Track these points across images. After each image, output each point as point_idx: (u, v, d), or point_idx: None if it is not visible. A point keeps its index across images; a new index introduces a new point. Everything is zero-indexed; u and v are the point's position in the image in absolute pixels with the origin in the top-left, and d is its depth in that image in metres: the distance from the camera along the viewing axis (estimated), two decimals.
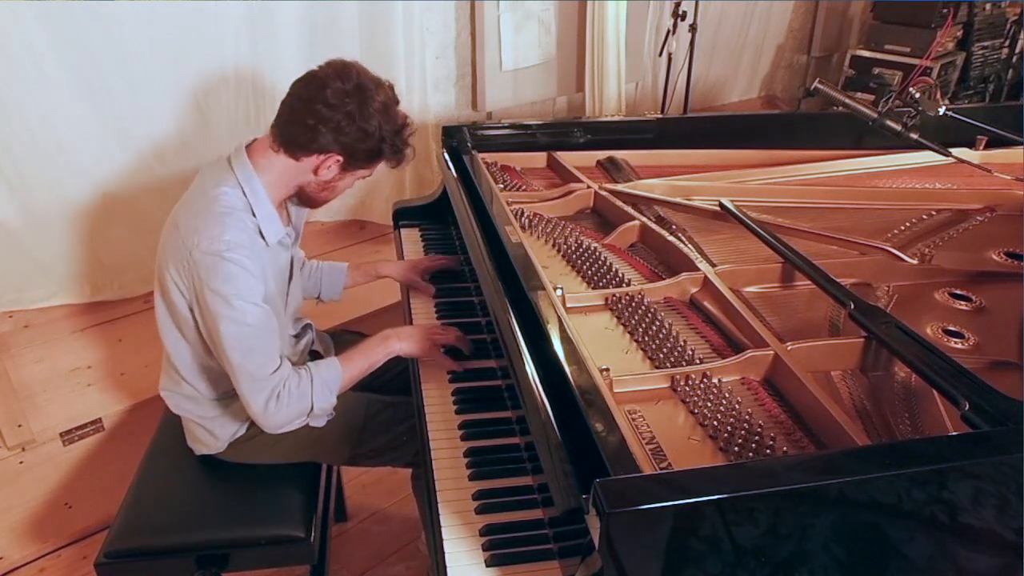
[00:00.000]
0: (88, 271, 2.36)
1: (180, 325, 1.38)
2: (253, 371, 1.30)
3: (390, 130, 1.35)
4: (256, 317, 1.30)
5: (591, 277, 1.43)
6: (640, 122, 2.11)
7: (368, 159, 1.37)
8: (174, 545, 1.40)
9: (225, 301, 1.27)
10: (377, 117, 1.31)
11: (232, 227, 1.28)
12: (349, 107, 1.29)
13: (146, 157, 2.30)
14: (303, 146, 1.32)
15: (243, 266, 1.27)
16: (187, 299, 1.33)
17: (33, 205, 2.17)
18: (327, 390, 1.39)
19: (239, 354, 1.29)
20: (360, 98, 1.30)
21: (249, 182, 1.33)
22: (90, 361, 2.18)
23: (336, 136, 1.30)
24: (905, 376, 1.14)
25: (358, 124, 1.30)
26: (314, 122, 1.29)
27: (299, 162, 1.35)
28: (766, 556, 0.79)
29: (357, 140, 1.32)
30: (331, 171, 1.37)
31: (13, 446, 1.89)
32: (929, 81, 1.61)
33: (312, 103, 1.29)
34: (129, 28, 2.13)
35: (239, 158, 1.35)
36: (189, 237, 1.27)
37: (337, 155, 1.34)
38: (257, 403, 1.31)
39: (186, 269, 1.28)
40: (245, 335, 1.29)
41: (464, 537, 1.10)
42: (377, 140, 1.34)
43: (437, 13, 2.85)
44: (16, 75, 1.99)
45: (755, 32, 4.27)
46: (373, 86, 1.32)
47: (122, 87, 2.18)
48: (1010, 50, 4.41)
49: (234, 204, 1.31)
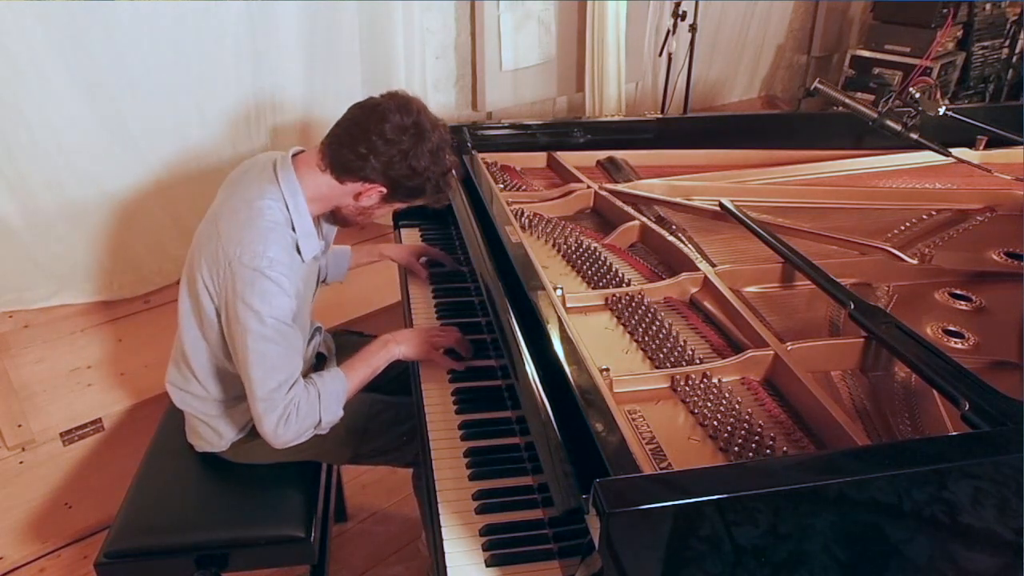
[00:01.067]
0: (88, 271, 2.35)
1: (203, 326, 1.38)
2: (272, 388, 1.30)
3: (437, 172, 1.36)
4: (285, 337, 1.31)
5: (591, 277, 1.43)
6: (640, 122, 2.11)
7: (410, 195, 1.39)
8: (174, 545, 1.40)
9: (258, 317, 1.27)
10: (428, 158, 1.33)
11: (275, 244, 1.28)
12: (404, 144, 1.30)
13: (146, 157, 2.30)
14: (351, 172, 1.33)
15: (280, 285, 1.28)
16: (216, 304, 1.33)
17: (33, 205, 2.17)
18: (334, 403, 1.40)
19: (261, 371, 1.29)
20: (417, 137, 1.31)
21: (294, 197, 1.34)
22: (90, 361, 2.18)
23: (385, 169, 1.32)
24: (905, 376, 1.14)
25: (409, 162, 1.31)
26: (367, 151, 1.30)
27: (343, 185, 1.36)
28: (766, 556, 0.79)
29: (404, 177, 1.33)
30: (371, 200, 1.38)
31: (13, 446, 1.89)
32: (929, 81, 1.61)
33: (369, 133, 1.30)
34: (129, 28, 2.13)
35: (286, 171, 1.35)
36: (231, 247, 1.27)
37: (381, 186, 1.35)
38: (269, 422, 1.31)
39: (221, 277, 1.29)
40: (271, 353, 1.29)
41: (464, 537, 1.10)
42: (423, 180, 1.35)
43: (437, 13, 2.85)
44: (16, 75, 1.99)
45: (755, 32, 4.27)
46: (431, 127, 1.34)
47: (122, 87, 2.17)
48: (1010, 50, 4.41)
49: (277, 219, 1.32)
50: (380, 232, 2.96)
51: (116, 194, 2.28)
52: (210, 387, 1.45)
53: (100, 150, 2.21)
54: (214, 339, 1.39)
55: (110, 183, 2.27)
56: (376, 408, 1.57)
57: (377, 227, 2.98)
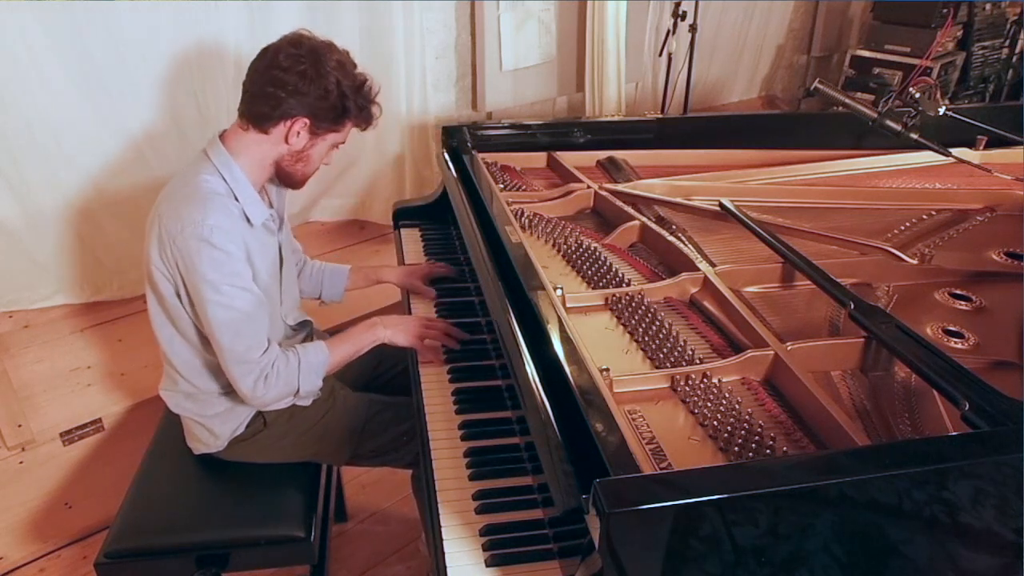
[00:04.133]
0: (88, 271, 2.36)
1: (173, 318, 1.38)
2: (242, 353, 1.33)
3: (350, 86, 1.36)
4: (244, 301, 1.31)
5: (591, 277, 1.43)
6: (640, 122, 2.11)
7: (334, 119, 1.37)
8: (174, 545, 1.40)
9: (213, 287, 1.28)
10: (334, 74, 1.33)
11: (214, 211, 1.28)
12: (303, 66, 1.30)
13: (146, 157, 2.30)
14: (268, 116, 1.33)
15: (227, 250, 1.28)
16: (173, 285, 1.33)
17: (33, 205, 2.17)
18: (313, 373, 1.42)
19: (228, 338, 1.31)
20: (313, 58, 1.32)
21: (227, 167, 1.34)
22: (90, 361, 2.18)
23: (298, 98, 1.32)
24: (905, 376, 1.14)
25: (315, 82, 1.31)
26: (273, 89, 1.31)
27: (269, 135, 1.35)
28: (766, 556, 0.79)
29: (318, 98, 1.33)
30: (301, 138, 1.37)
31: (13, 446, 1.89)
32: (929, 81, 1.61)
33: (268, 72, 1.31)
34: (129, 28, 2.13)
35: (214, 146, 1.36)
36: (172, 224, 1.27)
37: (303, 118, 1.34)
38: (245, 383, 1.34)
39: (169, 256, 1.29)
40: (233, 319, 1.30)
41: (464, 537, 1.10)
42: (338, 96, 1.34)
43: (437, 13, 2.85)
44: (16, 75, 1.99)
45: (755, 32, 4.27)
46: (326, 48, 1.35)
47: (122, 86, 2.18)
48: (1010, 50, 4.41)
49: (215, 189, 1.32)
50: (380, 232, 2.96)
51: (116, 194, 2.28)
52: (197, 382, 1.45)
53: (100, 150, 2.22)
54: (187, 331, 1.39)
55: (110, 183, 2.27)
56: (375, 408, 1.57)
57: (377, 227, 2.99)
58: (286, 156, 1.39)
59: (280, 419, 1.51)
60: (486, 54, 2.96)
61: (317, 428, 1.52)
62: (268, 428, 1.50)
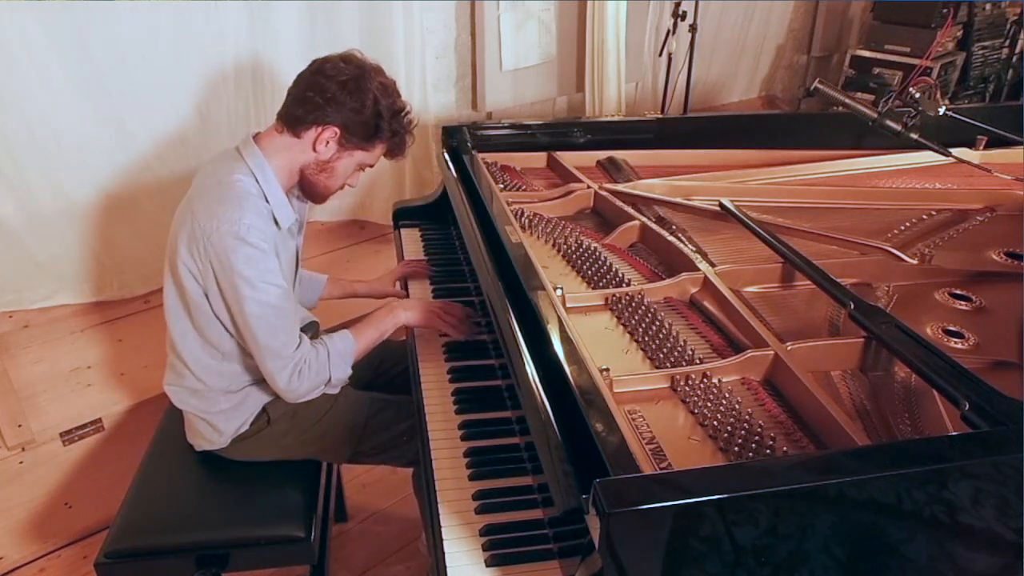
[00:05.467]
0: (88, 271, 2.36)
1: (191, 312, 1.39)
2: (278, 349, 1.35)
3: (387, 107, 1.37)
4: (278, 297, 1.33)
5: (591, 277, 1.43)
6: (640, 122, 2.11)
7: (365, 136, 1.38)
8: (174, 545, 1.40)
9: (249, 283, 1.30)
10: (375, 92, 1.34)
11: (249, 211, 1.30)
12: (345, 78, 1.32)
13: (146, 157, 2.30)
14: (302, 120, 1.35)
15: (261, 248, 1.30)
16: (201, 285, 1.34)
17: (33, 205, 2.17)
18: (343, 362, 1.45)
19: (264, 334, 1.33)
20: (358, 73, 1.34)
21: (261, 168, 1.36)
22: (90, 361, 2.18)
23: (334, 107, 1.33)
24: (905, 376, 1.14)
25: (354, 95, 1.33)
26: (312, 94, 1.33)
27: (300, 139, 1.37)
28: (766, 556, 0.79)
29: (353, 111, 1.34)
30: (329, 147, 1.38)
31: (13, 446, 1.89)
32: (929, 81, 1.60)
33: (312, 78, 1.34)
34: (129, 28, 2.13)
35: (248, 146, 1.38)
36: (207, 222, 1.28)
37: (334, 127, 1.35)
38: (282, 379, 1.36)
39: (202, 253, 1.30)
40: (269, 315, 1.32)
41: (464, 537, 1.10)
42: (373, 115, 1.36)
43: (437, 13, 2.85)
44: (16, 74, 1.99)
45: (755, 32, 4.27)
46: (373, 69, 1.36)
47: (122, 87, 2.17)
48: (1010, 50, 4.41)
49: (250, 190, 1.34)
50: (380, 232, 2.96)
51: (116, 194, 2.28)
52: (205, 378, 1.45)
53: (100, 150, 2.21)
54: (203, 324, 1.39)
55: (110, 183, 2.27)
56: (376, 406, 1.57)
57: (377, 227, 2.99)
58: (312, 164, 1.40)
59: (283, 417, 1.51)
60: (486, 54, 2.96)
61: (319, 426, 1.53)
62: (271, 425, 1.51)
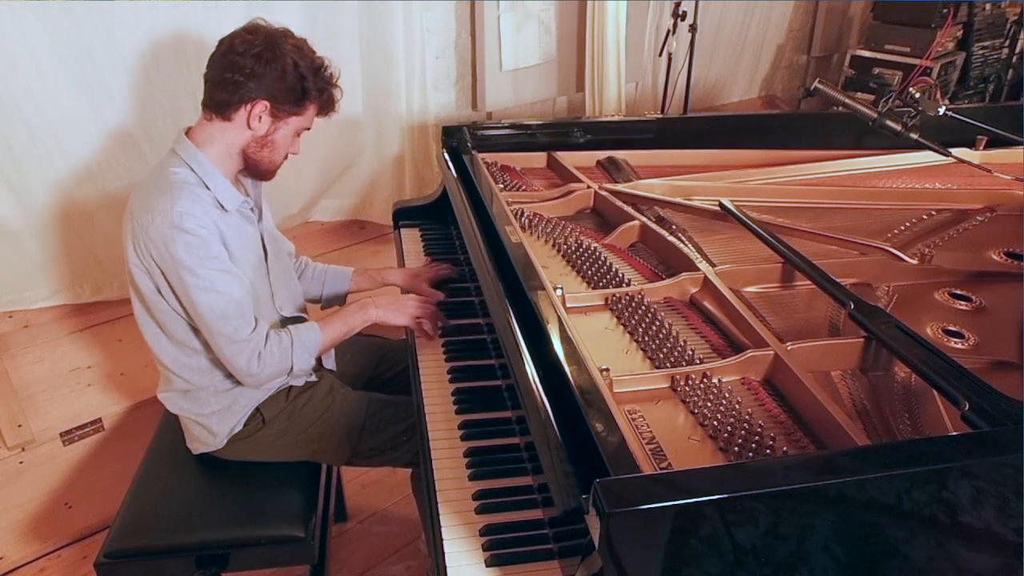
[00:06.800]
0: (88, 271, 2.36)
1: (155, 315, 1.39)
2: (231, 334, 1.34)
3: (307, 67, 1.36)
4: (225, 282, 1.32)
5: (591, 277, 1.43)
6: (640, 122, 2.11)
7: (295, 101, 1.37)
8: (174, 545, 1.40)
9: (191, 271, 1.29)
10: (291, 55, 1.34)
11: (182, 198, 1.29)
12: (258, 49, 1.31)
13: (146, 157, 2.30)
14: (228, 102, 1.34)
15: (199, 235, 1.29)
16: (151, 280, 1.34)
17: (33, 205, 2.17)
18: (306, 352, 1.44)
19: (214, 320, 1.32)
20: (269, 42, 1.33)
21: (194, 158, 1.35)
22: (90, 361, 2.18)
23: (256, 81, 1.32)
24: (905, 376, 1.14)
25: (272, 64, 1.32)
26: (231, 74, 1.32)
27: (232, 121, 1.36)
28: (766, 556, 0.79)
29: (276, 79, 1.33)
30: (263, 122, 1.37)
31: (13, 446, 1.89)
32: (929, 81, 1.60)
33: (225, 58, 1.33)
34: (129, 28, 2.13)
35: (180, 142, 1.37)
36: (143, 216, 1.29)
37: (263, 100, 1.34)
38: (239, 362, 1.36)
39: (143, 248, 1.30)
40: (216, 301, 1.31)
41: (464, 537, 1.10)
42: (296, 77, 1.35)
43: (437, 13, 2.85)
44: (16, 75, 1.99)
45: (755, 32, 4.27)
46: (281, 33, 1.36)
47: (122, 87, 2.18)
48: (1010, 50, 4.41)
49: (185, 179, 1.33)
50: (380, 232, 2.96)
51: (116, 194, 2.28)
52: (188, 376, 1.45)
53: (100, 150, 2.21)
54: (166, 322, 1.39)
55: (110, 183, 2.27)
56: (375, 407, 1.57)
57: (377, 227, 2.99)
58: (251, 143, 1.39)
59: (279, 417, 1.51)
60: (486, 54, 2.96)
61: (317, 426, 1.53)
62: (267, 426, 1.50)
